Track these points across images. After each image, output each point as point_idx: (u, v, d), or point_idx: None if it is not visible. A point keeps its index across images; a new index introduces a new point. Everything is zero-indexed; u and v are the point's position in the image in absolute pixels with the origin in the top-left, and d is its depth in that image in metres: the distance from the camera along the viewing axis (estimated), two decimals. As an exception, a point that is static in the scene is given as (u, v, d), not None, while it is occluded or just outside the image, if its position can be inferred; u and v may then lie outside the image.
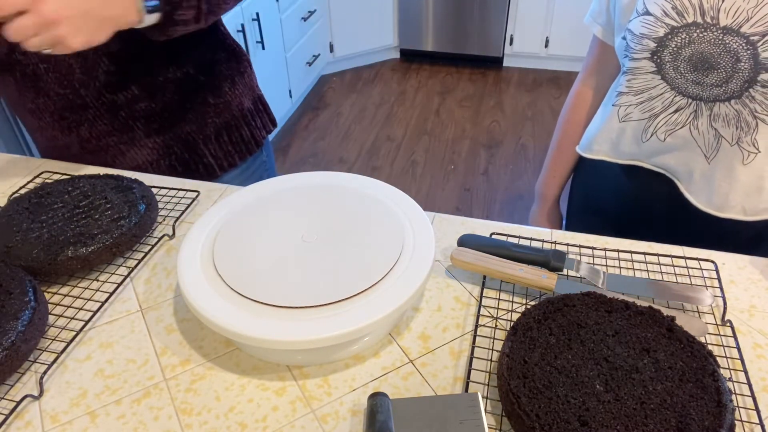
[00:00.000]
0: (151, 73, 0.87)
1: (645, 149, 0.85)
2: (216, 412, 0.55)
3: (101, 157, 0.92)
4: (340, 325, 0.54)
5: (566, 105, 1.03)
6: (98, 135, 0.90)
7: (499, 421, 0.53)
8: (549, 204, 1.11)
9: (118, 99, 0.87)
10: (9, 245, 0.68)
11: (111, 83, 0.85)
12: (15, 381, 0.59)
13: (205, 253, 0.63)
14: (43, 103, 0.86)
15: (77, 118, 0.88)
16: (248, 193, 0.73)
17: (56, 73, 0.83)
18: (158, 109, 0.90)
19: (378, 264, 0.60)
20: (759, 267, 0.70)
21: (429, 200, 2.55)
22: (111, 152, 0.91)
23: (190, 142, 0.95)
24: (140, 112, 0.89)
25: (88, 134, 0.89)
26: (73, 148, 0.91)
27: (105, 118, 0.88)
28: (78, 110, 0.87)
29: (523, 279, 0.64)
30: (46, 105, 0.87)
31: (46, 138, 0.92)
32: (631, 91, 0.83)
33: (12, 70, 0.84)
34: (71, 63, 0.83)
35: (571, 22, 3.29)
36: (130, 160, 0.93)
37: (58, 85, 0.84)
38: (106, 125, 0.88)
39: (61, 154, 0.94)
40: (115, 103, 0.87)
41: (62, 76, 0.83)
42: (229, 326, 0.55)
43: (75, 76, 0.84)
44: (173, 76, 0.89)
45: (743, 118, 0.75)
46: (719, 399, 0.49)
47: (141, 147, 0.92)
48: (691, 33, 0.74)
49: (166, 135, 0.93)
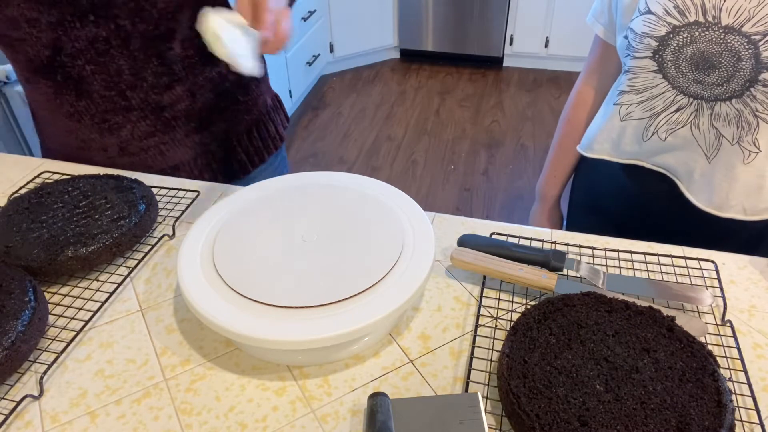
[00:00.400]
0: (194, 73, 0.88)
1: (646, 148, 0.85)
2: (216, 412, 0.55)
3: (140, 157, 0.91)
4: (340, 325, 0.54)
5: (567, 104, 1.04)
6: (140, 136, 0.89)
7: (499, 421, 0.53)
8: (550, 204, 1.11)
9: (162, 99, 0.87)
10: (9, 245, 0.68)
11: (158, 84, 0.85)
12: (15, 381, 0.59)
13: (205, 253, 0.63)
14: (84, 106, 0.85)
15: (120, 120, 0.87)
16: (248, 193, 0.73)
17: (104, 74, 0.82)
18: (197, 108, 0.91)
19: (378, 264, 0.60)
20: (759, 267, 0.70)
21: (429, 200, 2.55)
22: (151, 153, 0.91)
23: (225, 140, 0.96)
24: (182, 112, 0.90)
25: (130, 135, 0.89)
26: (111, 150, 0.90)
27: (149, 119, 0.87)
28: (121, 112, 0.86)
29: (523, 279, 0.64)
30: (87, 108, 0.85)
31: (80, 140, 0.90)
32: (632, 90, 0.83)
33: (53, 73, 0.82)
34: (121, 65, 0.82)
35: (571, 21, 3.29)
36: (168, 160, 0.93)
37: (104, 87, 0.83)
38: (148, 126, 0.88)
39: (90, 157, 0.92)
40: (159, 104, 0.87)
41: (110, 78, 0.83)
42: (229, 326, 0.55)
43: (123, 78, 0.83)
44: (209, 75, 0.90)
45: (744, 117, 0.75)
46: (719, 399, 0.49)
47: (180, 146, 0.92)
48: (693, 32, 0.74)
49: (204, 134, 0.93)
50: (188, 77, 0.87)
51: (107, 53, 0.80)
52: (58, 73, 0.82)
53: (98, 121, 0.87)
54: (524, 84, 3.49)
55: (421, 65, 3.72)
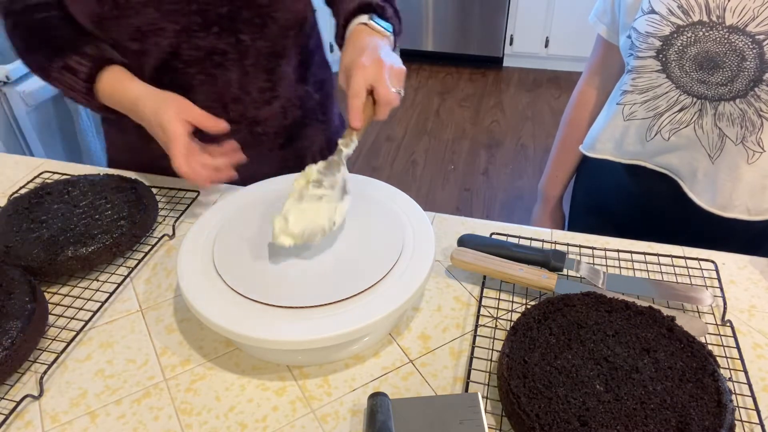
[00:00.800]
0: (289, 90, 0.89)
1: (649, 148, 0.85)
2: (216, 412, 0.55)
3: None
4: (341, 325, 0.54)
5: (570, 104, 1.03)
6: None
7: (499, 421, 0.53)
8: (552, 203, 1.11)
9: (259, 114, 0.87)
10: (9, 245, 0.68)
11: (259, 99, 0.86)
12: (15, 381, 0.59)
13: (206, 252, 0.63)
14: None
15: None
16: (248, 193, 0.73)
17: (212, 86, 0.82)
18: (286, 125, 0.91)
19: (378, 264, 0.60)
20: (759, 267, 0.70)
21: (429, 200, 2.55)
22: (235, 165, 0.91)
23: (301, 157, 0.97)
24: (272, 128, 0.90)
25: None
26: None
27: (242, 132, 0.87)
28: None
29: (523, 279, 0.64)
30: None
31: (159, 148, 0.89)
32: (635, 90, 0.83)
33: (160, 77, 0.81)
34: (231, 78, 0.82)
35: (572, 21, 3.28)
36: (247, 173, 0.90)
37: (208, 98, 0.83)
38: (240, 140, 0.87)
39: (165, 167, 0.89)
40: (255, 118, 0.87)
41: (216, 89, 0.83)
42: (229, 327, 0.54)
43: (229, 91, 0.83)
44: (300, 93, 0.91)
45: (748, 117, 0.75)
46: (719, 399, 0.49)
47: (263, 161, 0.92)
48: (697, 32, 0.74)
49: (287, 150, 0.94)
50: (284, 94, 0.88)
51: (221, 65, 0.81)
52: (165, 78, 0.81)
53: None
54: (524, 84, 3.49)
55: (421, 65, 3.72)
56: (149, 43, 0.77)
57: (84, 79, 0.77)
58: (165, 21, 0.75)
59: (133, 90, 0.76)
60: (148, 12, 0.74)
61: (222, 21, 0.77)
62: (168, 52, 0.79)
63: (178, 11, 0.75)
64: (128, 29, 0.76)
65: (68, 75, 0.78)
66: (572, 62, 3.50)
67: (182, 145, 0.70)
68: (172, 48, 0.78)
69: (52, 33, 0.80)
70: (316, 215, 0.63)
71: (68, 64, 0.77)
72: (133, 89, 0.76)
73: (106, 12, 0.74)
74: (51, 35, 0.80)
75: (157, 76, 0.81)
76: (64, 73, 0.78)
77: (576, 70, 3.48)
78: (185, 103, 0.74)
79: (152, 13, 0.75)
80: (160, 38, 0.77)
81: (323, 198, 0.64)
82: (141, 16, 0.74)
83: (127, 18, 0.74)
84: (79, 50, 0.77)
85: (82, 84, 0.78)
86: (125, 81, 0.77)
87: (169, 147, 0.71)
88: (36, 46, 0.80)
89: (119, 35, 0.77)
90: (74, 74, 0.77)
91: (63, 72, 0.78)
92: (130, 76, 0.78)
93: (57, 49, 0.79)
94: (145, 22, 0.75)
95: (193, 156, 0.71)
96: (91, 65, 0.77)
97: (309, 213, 0.63)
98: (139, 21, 0.75)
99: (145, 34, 0.76)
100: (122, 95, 0.77)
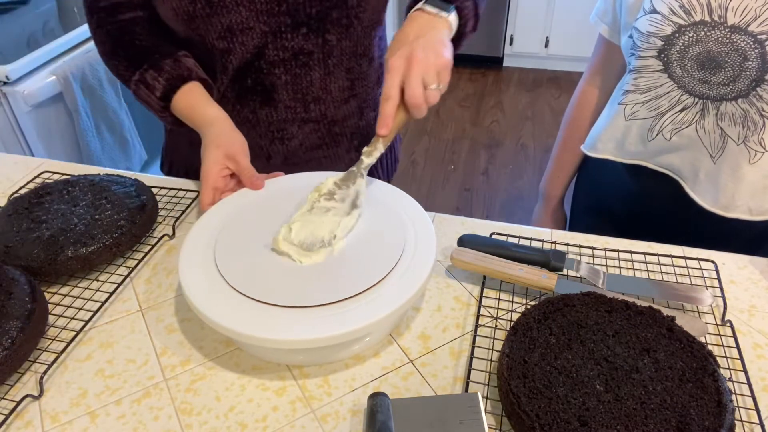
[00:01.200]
0: (366, 91, 0.89)
1: (650, 148, 0.85)
2: (216, 412, 0.55)
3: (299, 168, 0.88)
4: (342, 324, 0.54)
5: (571, 104, 1.03)
6: (308, 147, 0.89)
7: (499, 421, 0.53)
8: (553, 203, 1.11)
9: (337, 114, 0.87)
10: (9, 245, 0.68)
11: (338, 99, 0.86)
12: (15, 381, 0.59)
13: (207, 252, 0.63)
14: (266, 113, 0.85)
15: (295, 130, 0.87)
16: (249, 192, 0.73)
17: (295, 85, 0.83)
18: (362, 126, 0.92)
19: (379, 264, 0.60)
20: (759, 267, 0.70)
21: (429, 200, 2.55)
22: (311, 165, 0.91)
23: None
24: (349, 128, 0.90)
25: (299, 146, 0.89)
26: (276, 158, 0.90)
27: (320, 132, 0.88)
28: (298, 122, 0.86)
29: (523, 279, 0.64)
30: (268, 115, 0.85)
31: None
32: (637, 90, 0.83)
33: (244, 78, 0.82)
34: (314, 78, 0.82)
35: (572, 22, 3.28)
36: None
37: (290, 97, 0.83)
38: (318, 139, 0.88)
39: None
40: (334, 118, 0.88)
41: (299, 89, 0.83)
42: (231, 326, 0.54)
43: (311, 90, 0.83)
44: (375, 94, 0.91)
45: (750, 117, 0.75)
46: (719, 399, 0.49)
47: (338, 161, 0.93)
48: (699, 31, 0.74)
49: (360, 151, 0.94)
50: (361, 94, 0.88)
51: (306, 65, 0.81)
52: (249, 78, 0.82)
53: (274, 130, 0.87)
54: (524, 84, 3.49)
55: (421, 65, 3.72)
56: (236, 42, 0.77)
57: (159, 97, 0.79)
58: (255, 21, 0.76)
59: (208, 115, 0.78)
60: (240, 11, 0.75)
61: (311, 22, 0.78)
62: (253, 53, 0.79)
63: (269, 11, 0.76)
64: (218, 28, 0.76)
65: (144, 89, 0.79)
66: (572, 62, 3.50)
67: (210, 186, 0.73)
68: (258, 49, 0.78)
69: (134, 39, 0.80)
70: (317, 227, 0.64)
71: (145, 78, 0.78)
72: (209, 113, 0.78)
73: (198, 10, 0.74)
74: (132, 42, 0.80)
75: (241, 77, 0.82)
76: (140, 86, 0.79)
77: (576, 70, 3.48)
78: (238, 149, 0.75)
79: (243, 12, 0.75)
80: (247, 38, 0.77)
81: (330, 211, 0.65)
82: (232, 14, 0.75)
83: (218, 16, 0.75)
84: (156, 65, 0.78)
85: (156, 101, 0.79)
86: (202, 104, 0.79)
87: (202, 176, 0.74)
88: (117, 52, 0.81)
89: (207, 33, 0.77)
90: (150, 90, 0.79)
91: (139, 85, 0.79)
92: (207, 98, 0.79)
93: (136, 59, 0.79)
94: (235, 21, 0.76)
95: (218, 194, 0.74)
96: (165, 84, 0.78)
97: (312, 225, 0.64)
98: (229, 20, 0.75)
99: (233, 33, 0.77)
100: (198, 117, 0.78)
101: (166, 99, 0.79)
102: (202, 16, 0.75)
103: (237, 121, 0.85)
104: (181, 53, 0.80)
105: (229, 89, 0.84)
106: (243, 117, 0.86)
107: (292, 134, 0.87)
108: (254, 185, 0.74)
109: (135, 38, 0.80)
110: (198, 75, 0.80)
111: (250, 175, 0.74)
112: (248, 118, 0.86)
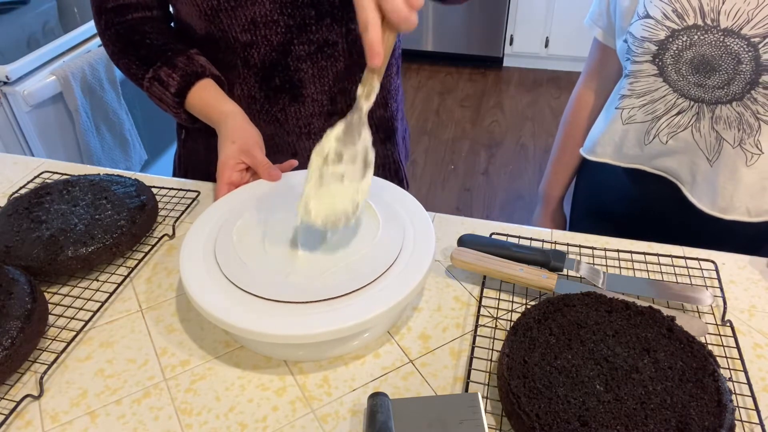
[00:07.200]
0: (390, 81, 0.89)
1: (647, 152, 0.85)
2: (216, 412, 0.55)
3: None
4: (341, 319, 0.54)
5: (568, 107, 1.03)
6: None
7: (499, 421, 0.53)
8: (553, 205, 1.11)
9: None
10: (9, 245, 0.68)
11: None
12: (15, 381, 0.59)
13: (208, 249, 0.63)
14: (294, 110, 0.85)
15: (321, 124, 0.87)
16: (250, 190, 0.73)
17: (322, 78, 0.82)
18: (386, 118, 0.91)
19: (379, 260, 0.60)
20: (759, 267, 0.70)
21: (429, 200, 2.55)
22: None
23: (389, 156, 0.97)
24: (374, 121, 0.90)
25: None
26: (303, 153, 0.89)
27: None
28: (325, 116, 0.86)
29: (523, 279, 0.64)
30: (297, 112, 0.85)
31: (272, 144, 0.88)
32: (633, 94, 0.83)
33: (270, 78, 0.81)
34: (340, 69, 0.82)
35: (572, 22, 3.28)
36: None
37: (318, 91, 0.83)
38: None
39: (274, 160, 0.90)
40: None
41: (326, 82, 0.82)
42: (232, 321, 0.55)
43: (338, 82, 0.83)
44: (396, 84, 0.91)
45: (745, 120, 0.75)
46: (719, 399, 0.49)
47: None
48: (692, 35, 0.74)
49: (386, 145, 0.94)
50: (385, 84, 0.88)
51: (332, 56, 0.81)
52: (277, 78, 0.81)
53: (301, 125, 0.86)
54: (524, 84, 3.49)
55: (421, 65, 3.72)
56: (259, 35, 0.77)
57: (174, 93, 0.78)
58: (278, 14, 0.76)
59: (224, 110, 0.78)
60: (264, 3, 0.75)
61: (335, 11, 0.77)
62: (279, 50, 0.79)
63: (293, 3, 0.75)
64: (242, 20, 0.76)
65: (158, 87, 0.79)
66: (572, 62, 3.50)
67: (224, 182, 0.74)
68: (284, 46, 0.78)
69: (144, 38, 0.80)
70: (336, 200, 0.59)
71: (159, 76, 0.78)
72: (224, 109, 0.78)
73: (222, 3, 0.75)
74: (143, 41, 0.80)
75: (269, 76, 0.81)
76: (154, 83, 0.79)
77: (576, 70, 3.48)
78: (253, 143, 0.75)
79: (267, 5, 0.75)
80: (270, 31, 0.77)
81: (344, 176, 0.60)
82: (256, 6, 0.75)
83: (243, 9, 0.75)
84: (170, 62, 0.78)
85: (171, 97, 0.79)
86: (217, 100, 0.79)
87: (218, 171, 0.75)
88: (128, 51, 0.81)
89: (231, 27, 0.77)
90: (165, 87, 0.78)
91: (153, 83, 0.79)
92: (221, 94, 0.79)
93: (148, 57, 0.79)
94: (259, 14, 0.76)
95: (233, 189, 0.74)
96: (180, 81, 0.78)
97: (329, 197, 0.59)
98: (253, 12, 0.75)
99: (257, 25, 0.77)
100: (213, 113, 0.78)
101: (180, 95, 0.78)
102: (227, 9, 0.75)
103: (266, 120, 0.85)
104: (193, 50, 0.80)
105: (257, 90, 0.84)
106: (272, 116, 0.86)
107: (318, 128, 0.87)
108: (272, 177, 0.74)
109: (146, 37, 0.80)
110: (211, 71, 0.80)
111: (266, 168, 0.74)
112: (277, 117, 0.86)
